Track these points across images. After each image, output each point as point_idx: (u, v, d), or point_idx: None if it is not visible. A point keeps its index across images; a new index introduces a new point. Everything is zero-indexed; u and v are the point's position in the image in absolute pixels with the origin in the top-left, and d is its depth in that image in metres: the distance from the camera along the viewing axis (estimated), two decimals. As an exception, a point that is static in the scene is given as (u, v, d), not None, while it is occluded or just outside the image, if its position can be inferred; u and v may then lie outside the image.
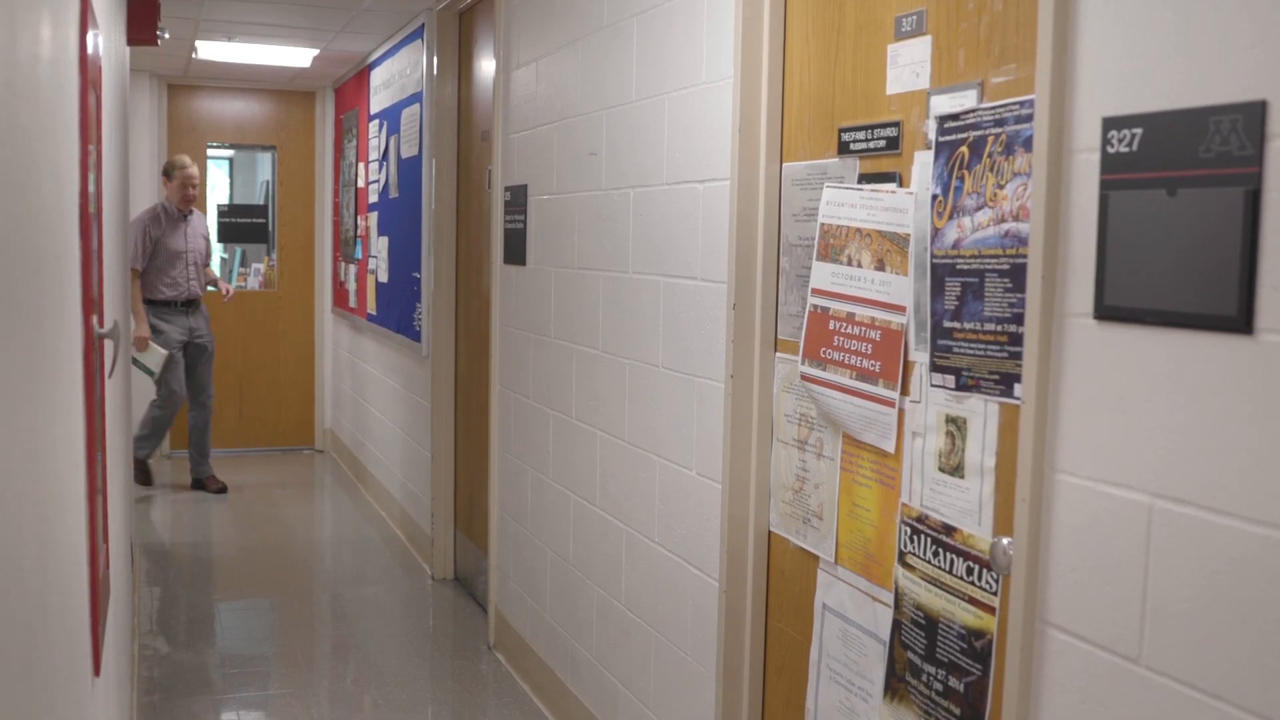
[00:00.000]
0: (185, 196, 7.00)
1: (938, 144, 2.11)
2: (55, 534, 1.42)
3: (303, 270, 8.71)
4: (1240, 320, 1.47)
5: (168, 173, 7.10)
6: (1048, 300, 1.77)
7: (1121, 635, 1.66)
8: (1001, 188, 1.95)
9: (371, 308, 7.03)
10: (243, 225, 8.61)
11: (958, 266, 2.06)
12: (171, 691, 4.17)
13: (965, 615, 2.07)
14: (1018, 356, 1.91)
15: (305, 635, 4.94)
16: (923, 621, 2.19)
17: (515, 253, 4.30)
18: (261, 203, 9.35)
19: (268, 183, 9.31)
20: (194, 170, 7.07)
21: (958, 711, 2.09)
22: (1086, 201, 1.70)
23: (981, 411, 2.03)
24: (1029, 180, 1.87)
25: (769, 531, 2.76)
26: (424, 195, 5.70)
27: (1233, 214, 1.47)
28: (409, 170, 6.07)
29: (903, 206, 2.23)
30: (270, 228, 8.69)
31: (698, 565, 2.96)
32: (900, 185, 2.26)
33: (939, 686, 2.14)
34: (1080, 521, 1.73)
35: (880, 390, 2.30)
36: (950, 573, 2.11)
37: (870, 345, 2.32)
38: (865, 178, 2.37)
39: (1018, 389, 1.91)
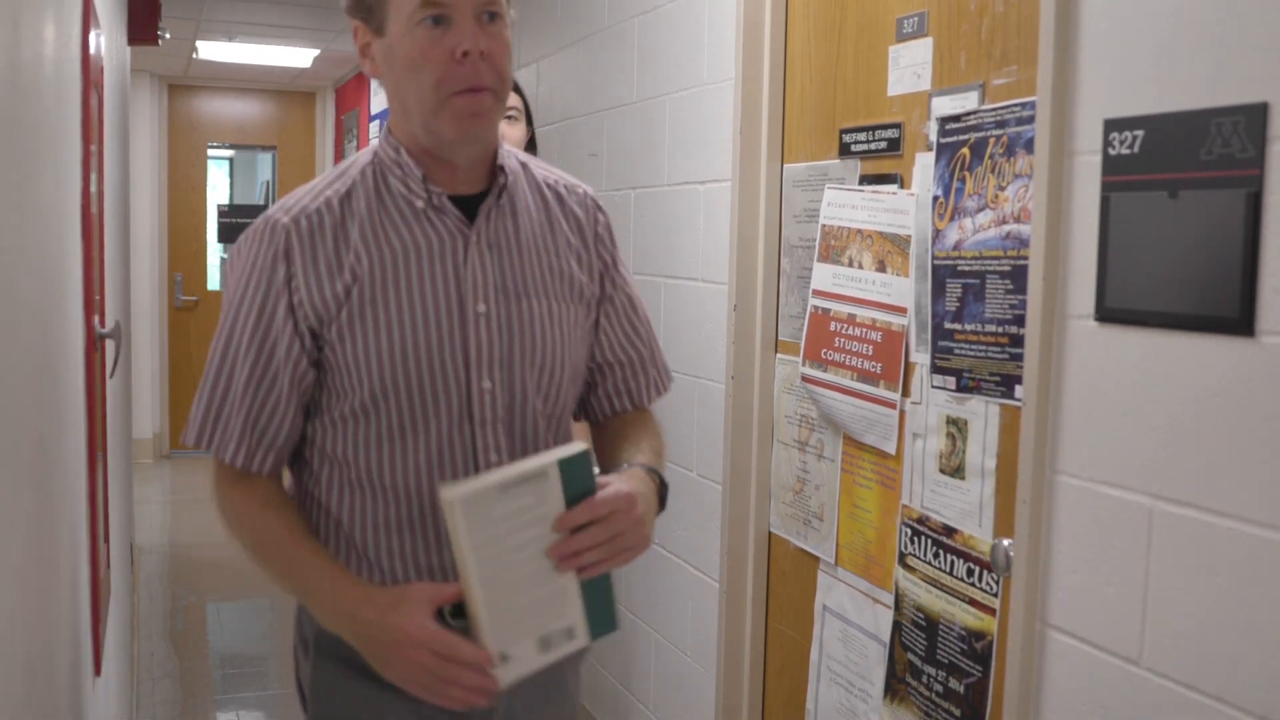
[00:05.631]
0: (471, 80, 1.43)
1: (939, 145, 2.11)
2: (56, 534, 1.42)
3: (303, 271, 8.69)
4: (1242, 322, 1.47)
5: (360, 10, 1.53)
6: (1049, 302, 1.77)
7: (1122, 637, 1.66)
8: (1003, 189, 1.95)
9: (371, 308, 7.01)
10: (243, 226, 8.57)
11: (959, 268, 2.06)
12: (171, 692, 4.17)
13: (966, 617, 2.07)
14: (1019, 358, 1.91)
15: (305, 635, 4.93)
16: (923, 623, 2.19)
17: (516, 253, 4.29)
18: (262, 203, 9.35)
19: (268, 183, 9.30)
20: None
21: (958, 713, 2.09)
22: (1088, 203, 1.70)
23: (982, 413, 2.03)
24: (1030, 182, 1.87)
25: (769, 532, 2.76)
26: (424, 196, 5.69)
27: (1234, 216, 1.47)
28: (409, 171, 6.05)
29: (904, 208, 2.23)
30: (270, 228, 8.67)
31: (698, 566, 2.95)
32: (901, 187, 2.26)
33: (939, 688, 2.14)
34: (1081, 523, 1.73)
35: (881, 392, 2.30)
36: (951, 574, 2.11)
37: (871, 346, 2.32)
38: (866, 179, 2.37)
39: (1019, 390, 1.91)
